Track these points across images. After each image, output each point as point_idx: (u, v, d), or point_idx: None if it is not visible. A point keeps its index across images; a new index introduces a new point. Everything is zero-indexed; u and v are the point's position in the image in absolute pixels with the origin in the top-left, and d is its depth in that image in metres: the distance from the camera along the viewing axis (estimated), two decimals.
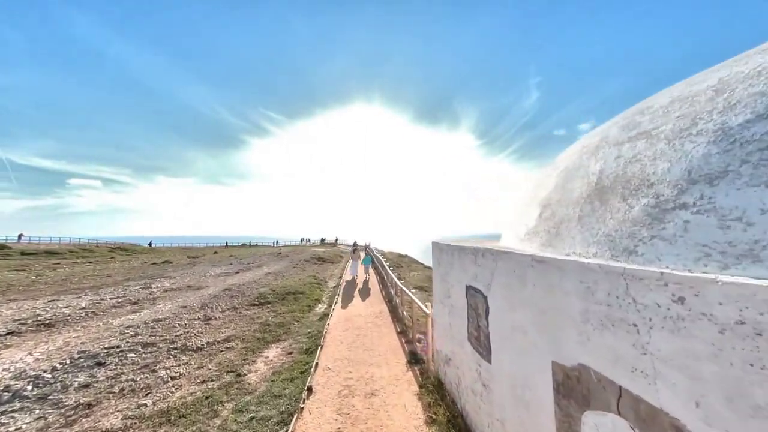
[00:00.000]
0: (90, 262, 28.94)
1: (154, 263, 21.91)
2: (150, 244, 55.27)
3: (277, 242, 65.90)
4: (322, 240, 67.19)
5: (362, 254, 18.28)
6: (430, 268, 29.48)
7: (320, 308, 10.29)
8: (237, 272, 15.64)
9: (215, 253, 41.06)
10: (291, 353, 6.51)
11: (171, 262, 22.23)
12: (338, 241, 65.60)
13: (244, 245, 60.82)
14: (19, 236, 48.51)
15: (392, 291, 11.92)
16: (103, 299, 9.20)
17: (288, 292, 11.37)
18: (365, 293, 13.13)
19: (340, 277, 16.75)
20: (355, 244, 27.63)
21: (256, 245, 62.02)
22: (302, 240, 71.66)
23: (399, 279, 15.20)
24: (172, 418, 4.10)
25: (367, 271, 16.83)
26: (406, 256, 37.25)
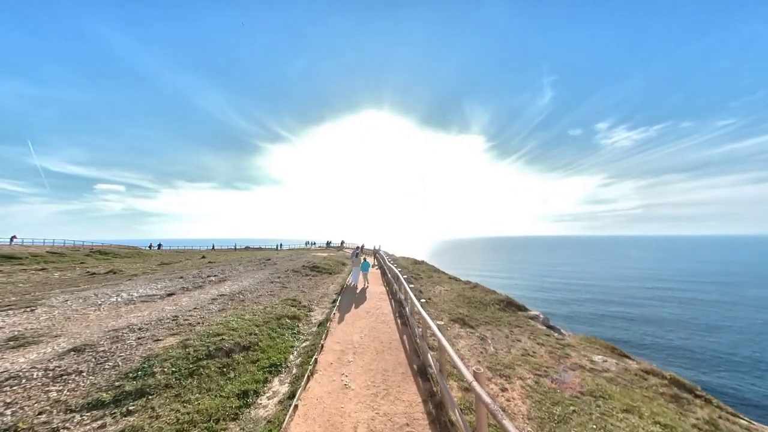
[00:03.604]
0: (43, 269, 24.03)
1: (94, 274, 16.55)
2: (151, 247, 50.95)
3: (280, 245, 60.80)
4: (328, 243, 61.72)
5: (362, 259, 15.44)
6: (456, 279, 23.24)
7: (265, 407, 4.42)
8: (170, 294, 9.98)
9: (203, 257, 35.86)
10: None
11: (115, 272, 16.84)
12: (344, 245, 59.98)
13: (247, 248, 56.12)
14: (12, 238, 44.73)
15: (422, 341, 6.06)
16: None
17: (216, 349, 5.57)
18: (373, 338, 7.24)
19: (335, 302, 10.91)
20: (359, 248, 22.05)
21: (259, 248, 57.09)
22: (307, 243, 66.22)
23: (417, 296, 9.27)
24: None
25: (366, 278, 14.70)
26: (422, 262, 31.15)
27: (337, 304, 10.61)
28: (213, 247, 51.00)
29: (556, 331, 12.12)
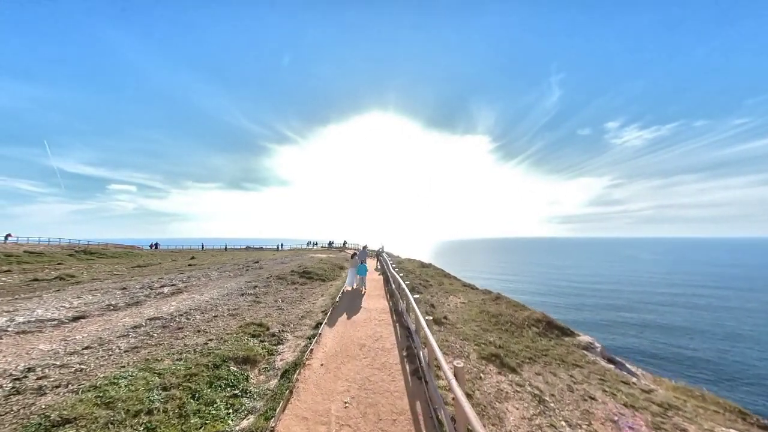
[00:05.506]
0: (7, 271, 21.51)
1: (37, 280, 13.73)
2: (152, 246, 48.70)
3: (281, 245, 58.02)
4: (330, 243, 58.77)
5: (360, 261, 14.02)
6: (473, 287, 19.92)
7: None
8: (79, 318, 7.00)
9: (192, 258, 33.15)
10: None
11: (62, 278, 14.03)
12: (346, 245, 56.97)
13: (248, 248, 53.66)
14: (6, 236, 42.59)
15: None
16: None
17: None
18: (365, 408, 4.22)
19: (320, 326, 7.88)
20: (362, 249, 19.13)
21: (260, 248, 54.50)
22: (309, 243, 63.35)
23: (429, 311, 6.25)
24: None
25: (362, 283, 13.35)
26: (430, 265, 27.98)
27: (321, 330, 7.58)
28: (203, 248, 48.29)
29: (620, 366, 8.97)
